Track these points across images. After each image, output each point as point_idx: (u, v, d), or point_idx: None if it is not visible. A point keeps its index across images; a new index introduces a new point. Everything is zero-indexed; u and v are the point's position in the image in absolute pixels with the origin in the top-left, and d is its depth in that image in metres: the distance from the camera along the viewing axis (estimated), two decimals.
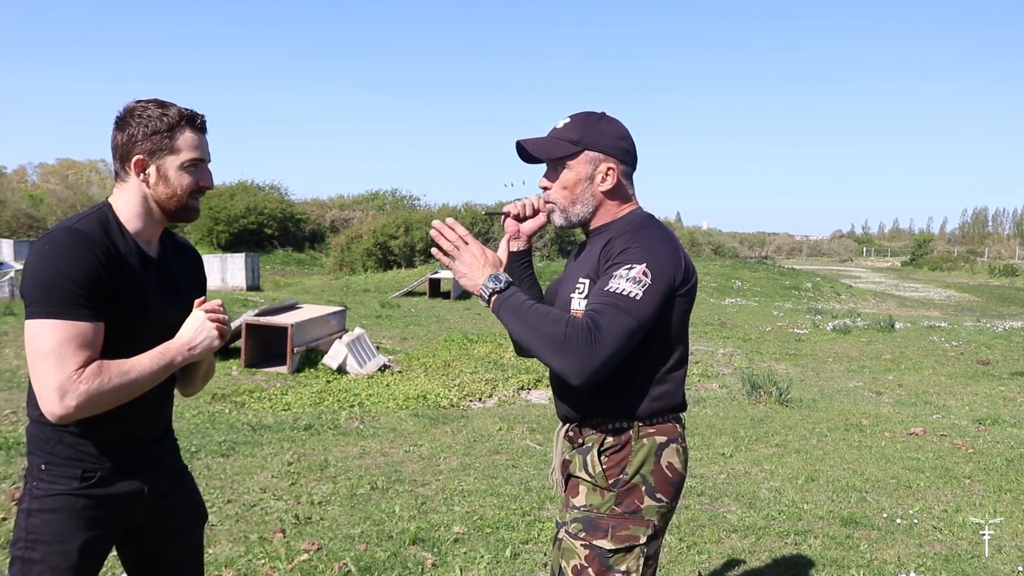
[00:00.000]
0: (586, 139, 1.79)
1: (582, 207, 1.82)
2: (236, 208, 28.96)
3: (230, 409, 6.74)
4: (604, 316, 1.60)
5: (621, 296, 1.62)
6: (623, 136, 1.82)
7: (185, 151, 1.68)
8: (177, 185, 1.69)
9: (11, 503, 4.00)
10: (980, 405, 7.55)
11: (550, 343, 1.59)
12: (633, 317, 1.61)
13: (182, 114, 1.68)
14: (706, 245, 32.91)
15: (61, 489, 1.64)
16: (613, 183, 1.80)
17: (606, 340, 1.57)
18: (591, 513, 1.75)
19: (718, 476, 4.84)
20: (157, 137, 1.66)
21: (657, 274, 1.66)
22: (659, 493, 1.75)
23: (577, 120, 1.82)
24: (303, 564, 3.37)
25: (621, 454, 1.74)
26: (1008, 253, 52.65)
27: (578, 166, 1.80)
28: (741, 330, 13.08)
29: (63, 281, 1.54)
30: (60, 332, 1.54)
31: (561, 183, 1.82)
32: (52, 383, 1.53)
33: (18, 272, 12.90)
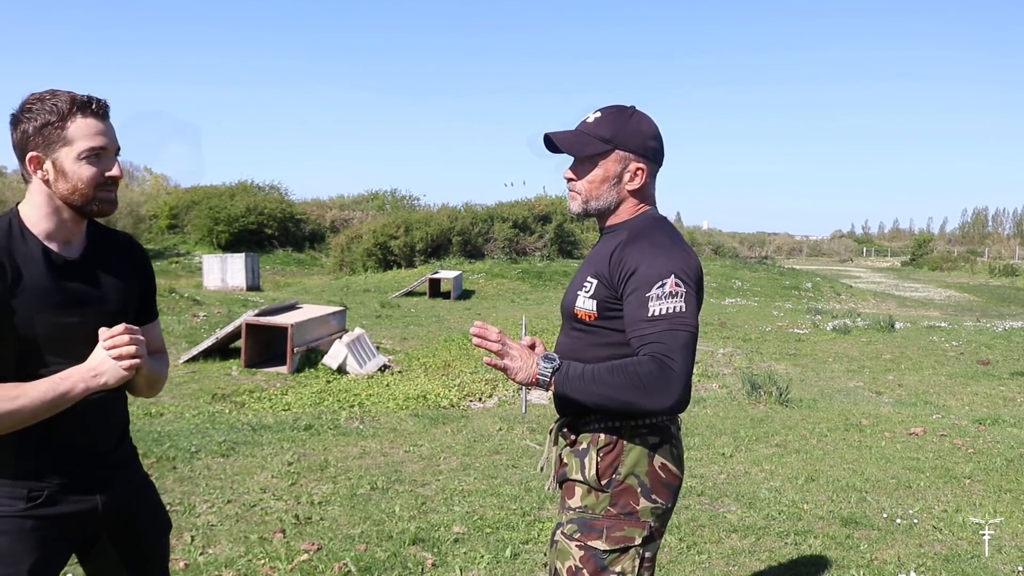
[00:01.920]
0: (618, 138, 1.77)
1: (604, 202, 1.81)
2: (236, 208, 28.97)
3: (230, 409, 6.75)
4: (665, 341, 1.60)
5: (673, 316, 1.62)
6: (655, 136, 1.81)
7: (80, 140, 1.53)
8: (77, 179, 1.54)
9: None
10: (980, 405, 7.56)
11: (632, 391, 1.59)
12: (687, 329, 1.62)
13: (73, 100, 1.53)
14: (706, 245, 32.90)
15: (7, 511, 1.55)
16: (641, 183, 1.80)
17: (682, 364, 1.59)
18: (586, 514, 1.75)
19: (718, 476, 4.84)
20: (48, 129, 1.52)
21: (686, 279, 1.66)
22: (655, 494, 1.74)
23: (609, 116, 1.79)
24: (303, 564, 3.37)
25: (614, 453, 1.74)
26: (1008, 253, 52.64)
27: (608, 164, 1.79)
28: (741, 330, 13.08)
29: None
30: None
31: (588, 178, 1.80)
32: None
33: None
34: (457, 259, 25.01)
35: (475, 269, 23.49)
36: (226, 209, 28.59)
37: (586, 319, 1.78)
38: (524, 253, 25.44)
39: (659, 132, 1.83)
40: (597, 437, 1.76)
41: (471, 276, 22.37)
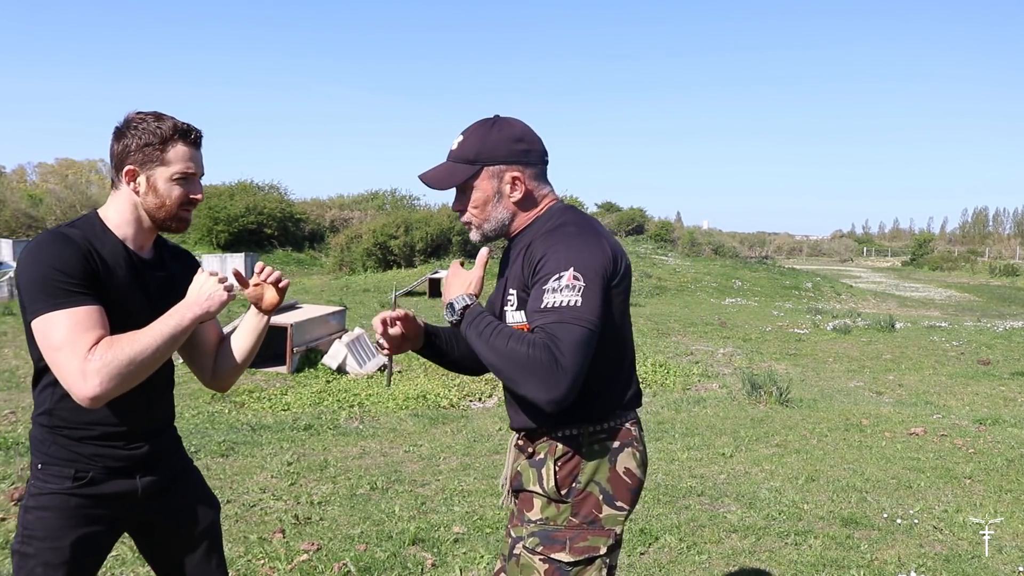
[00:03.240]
0: (483, 155, 1.70)
1: (497, 222, 1.74)
2: (236, 208, 28.96)
3: (229, 409, 6.74)
4: (557, 335, 1.52)
5: (565, 309, 1.53)
6: (519, 138, 1.72)
7: (175, 164, 1.71)
8: (166, 196, 1.72)
9: (11, 503, 3.99)
10: (980, 405, 7.55)
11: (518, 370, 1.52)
12: (583, 326, 1.53)
13: (176, 128, 1.71)
14: (706, 245, 32.88)
15: (55, 488, 1.69)
16: (523, 192, 1.72)
17: (568, 360, 1.50)
18: (548, 526, 1.68)
19: (718, 476, 4.84)
20: (149, 149, 1.69)
21: (588, 273, 1.57)
22: (618, 500, 1.69)
23: (470, 135, 1.73)
24: (303, 564, 3.37)
25: (573, 462, 1.68)
26: (1008, 253, 52.59)
27: (483, 184, 1.71)
28: (741, 330, 13.07)
29: (55, 276, 1.58)
30: (65, 321, 1.57)
31: (472, 204, 1.73)
32: (72, 371, 1.56)
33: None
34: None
35: None
36: (226, 209, 28.58)
37: None
38: None
39: (526, 132, 1.74)
40: (555, 447, 1.69)
41: None
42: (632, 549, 3.61)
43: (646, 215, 34.35)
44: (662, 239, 32.44)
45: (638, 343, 11.00)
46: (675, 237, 33.30)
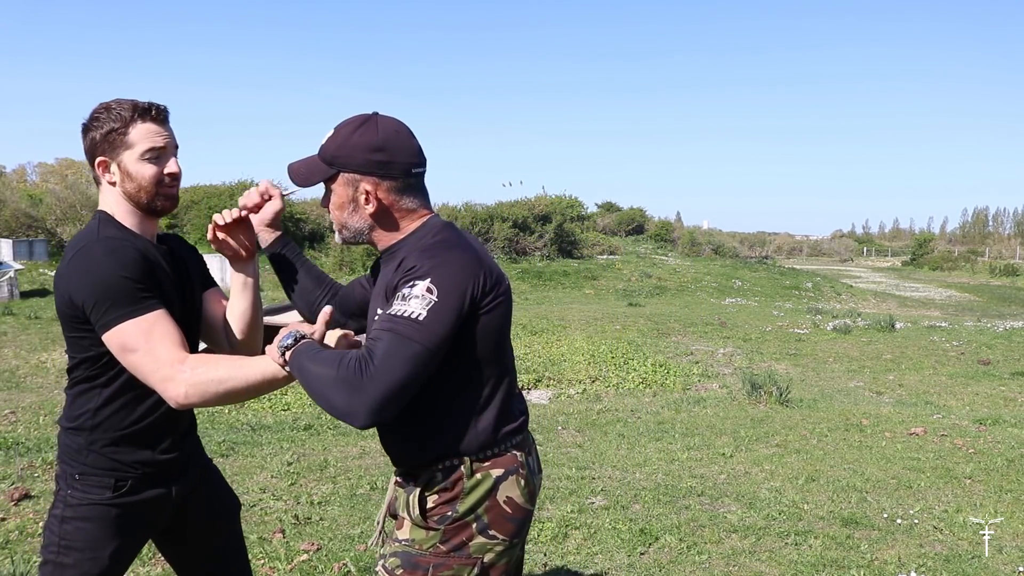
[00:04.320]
0: (339, 159, 1.58)
1: (354, 230, 1.63)
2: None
3: (229, 409, 6.74)
4: (380, 343, 1.41)
5: (401, 319, 1.43)
6: (378, 147, 1.56)
7: (140, 142, 1.67)
8: (140, 177, 1.69)
9: (10, 503, 3.99)
10: (981, 405, 7.55)
11: (326, 385, 1.40)
12: (416, 341, 1.41)
13: (136, 107, 1.67)
14: (706, 245, 32.84)
15: (96, 499, 1.69)
16: (375, 206, 1.59)
17: (381, 372, 1.38)
18: (412, 548, 1.58)
19: (718, 476, 4.84)
20: (112, 135, 1.67)
21: (445, 289, 1.45)
22: (492, 530, 1.58)
23: (337, 132, 1.61)
24: (303, 564, 3.37)
25: (452, 493, 1.57)
26: (1009, 253, 52.55)
27: (339, 188, 1.60)
28: (741, 330, 13.07)
29: (123, 282, 1.59)
30: (139, 328, 1.58)
31: (332, 205, 1.63)
32: (155, 376, 1.57)
33: (17, 272, 12.88)
34: None
35: None
36: (226, 209, 28.59)
37: None
38: (524, 253, 25.39)
39: (390, 139, 1.58)
40: (434, 477, 1.58)
41: None
42: (632, 549, 3.61)
43: (646, 215, 34.31)
44: (662, 239, 32.41)
45: (638, 343, 11.00)
46: (675, 237, 33.27)
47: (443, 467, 1.58)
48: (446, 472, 1.58)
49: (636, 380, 8.49)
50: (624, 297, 19.08)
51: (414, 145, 1.63)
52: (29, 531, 3.65)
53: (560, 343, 10.62)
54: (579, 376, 8.58)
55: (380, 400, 1.38)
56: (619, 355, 9.90)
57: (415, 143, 1.64)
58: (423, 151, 1.65)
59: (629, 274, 22.80)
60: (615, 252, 27.47)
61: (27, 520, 3.78)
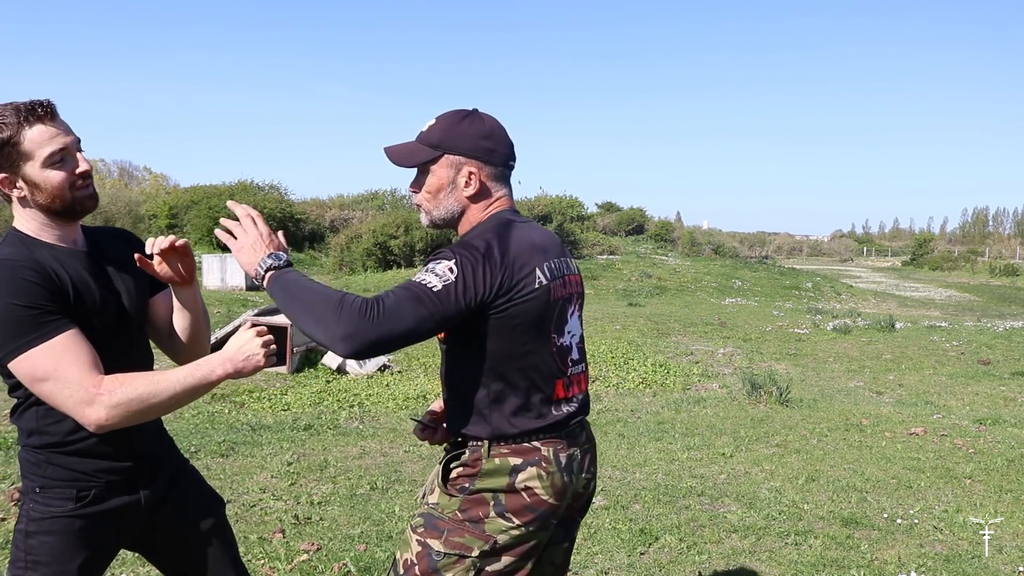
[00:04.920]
0: (446, 142, 1.69)
1: (446, 211, 1.74)
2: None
3: (229, 409, 6.73)
4: (392, 297, 1.51)
5: (417, 284, 1.53)
6: (486, 135, 1.71)
7: (39, 149, 1.54)
8: (50, 186, 1.57)
9: (10, 503, 3.99)
10: (981, 405, 7.54)
11: (323, 312, 1.48)
12: (425, 306, 1.50)
13: (18, 112, 1.53)
14: (706, 245, 32.84)
15: (57, 511, 1.62)
16: (476, 188, 1.71)
17: (386, 315, 1.47)
18: (435, 511, 1.70)
19: (718, 476, 4.84)
20: (6, 149, 1.53)
21: (466, 274, 1.55)
22: (510, 513, 1.65)
23: (442, 121, 1.73)
24: (303, 564, 3.37)
25: (472, 470, 1.68)
26: (1009, 253, 52.52)
27: (440, 171, 1.71)
28: (741, 330, 13.07)
29: (13, 311, 1.48)
30: (44, 357, 1.49)
31: (426, 188, 1.73)
32: (72, 401, 1.51)
33: None
34: None
35: None
36: (226, 209, 28.56)
37: (440, 337, 1.70)
38: None
39: (495, 130, 1.73)
40: (463, 451, 1.71)
41: None
42: (632, 549, 3.61)
43: (646, 215, 34.32)
44: (662, 239, 32.41)
45: (638, 343, 11.00)
46: (675, 237, 33.27)
47: (472, 445, 1.69)
48: (472, 451, 1.69)
49: (636, 380, 8.49)
50: (624, 297, 19.08)
51: (511, 140, 1.78)
52: None
53: None
54: None
55: (374, 340, 1.46)
56: (619, 355, 9.90)
57: (511, 139, 1.78)
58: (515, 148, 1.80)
59: (629, 274, 22.80)
60: (615, 252, 27.47)
61: None
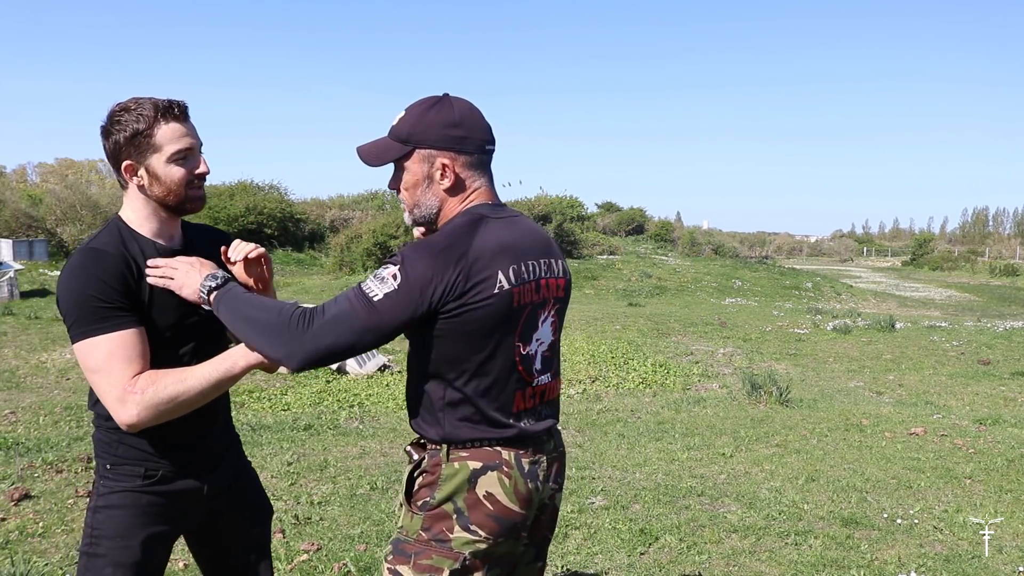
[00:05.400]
0: (415, 135, 1.60)
1: (427, 208, 1.66)
2: (236, 208, 28.95)
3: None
4: (332, 307, 1.49)
5: (359, 294, 1.49)
6: (456, 123, 1.60)
7: (168, 145, 1.64)
8: (170, 181, 1.66)
9: (10, 503, 3.99)
10: (981, 405, 7.55)
11: (263, 328, 1.50)
12: (361, 317, 1.47)
13: (157, 108, 1.64)
14: (706, 245, 32.85)
15: (126, 486, 1.69)
16: (452, 180, 1.62)
17: (323, 331, 1.46)
18: (401, 535, 1.63)
19: (718, 476, 4.84)
20: (138, 138, 1.63)
21: (410, 280, 1.49)
22: (474, 525, 1.57)
23: (410, 112, 1.64)
24: (303, 564, 3.37)
25: (432, 476, 1.60)
26: (1009, 253, 52.51)
27: (413, 166, 1.63)
28: (741, 330, 13.07)
29: (88, 299, 1.58)
30: (100, 348, 1.58)
31: (404, 186, 1.66)
32: (111, 397, 1.58)
33: (17, 272, 12.90)
34: None
35: None
36: (226, 209, 28.57)
37: None
38: None
39: (466, 116, 1.62)
40: (423, 457, 1.64)
41: None
42: (632, 549, 3.61)
43: (646, 215, 34.32)
44: (662, 239, 32.42)
45: (638, 343, 10.99)
46: (675, 237, 33.28)
47: (429, 449, 1.63)
48: (432, 455, 1.62)
49: (636, 380, 8.49)
50: (624, 297, 19.08)
51: (486, 123, 1.67)
52: (29, 531, 3.65)
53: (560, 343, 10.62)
54: (579, 376, 8.59)
55: (313, 354, 1.48)
56: (619, 355, 9.90)
57: (486, 122, 1.67)
58: (493, 131, 1.69)
59: (629, 274, 22.81)
60: (615, 252, 27.47)
61: (27, 520, 3.78)
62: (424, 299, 1.50)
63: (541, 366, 1.71)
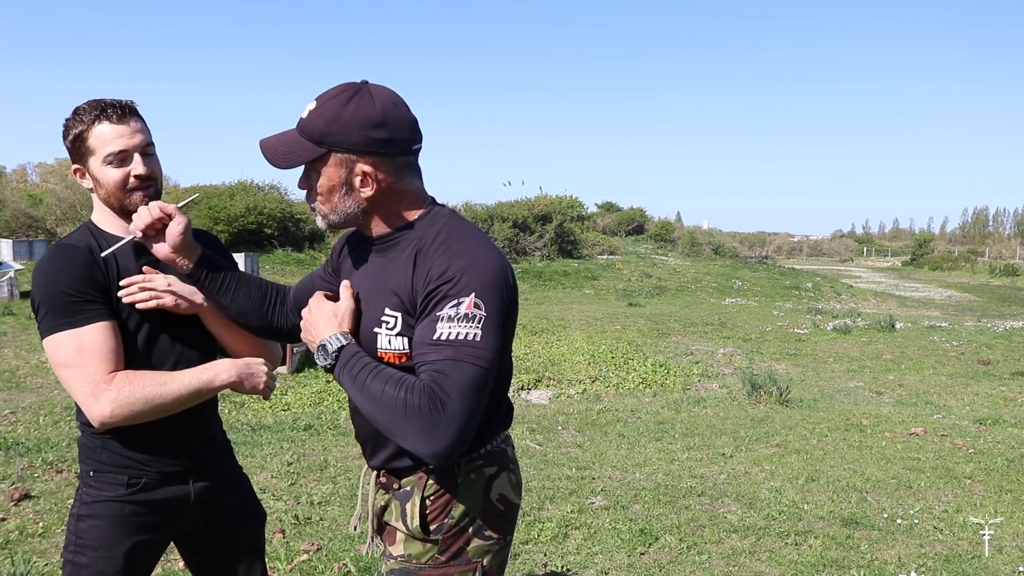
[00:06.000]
0: (331, 135, 1.38)
1: (343, 215, 1.45)
2: (236, 208, 28.92)
3: (229, 409, 6.74)
4: (446, 375, 1.30)
5: (460, 343, 1.32)
6: (377, 123, 1.38)
7: (100, 148, 1.61)
8: (107, 183, 1.63)
9: (10, 503, 3.99)
10: (981, 405, 7.55)
11: (396, 420, 1.32)
12: (480, 365, 1.32)
13: (90, 109, 1.61)
14: (706, 245, 32.83)
15: (108, 496, 1.67)
16: (374, 189, 1.42)
17: (459, 405, 1.30)
18: (409, 564, 1.50)
19: (718, 476, 4.84)
20: (77, 142, 1.62)
21: (489, 299, 1.34)
22: (488, 531, 1.51)
23: (322, 105, 1.40)
24: (303, 564, 3.37)
25: (446, 497, 1.48)
26: (1009, 253, 52.51)
27: (329, 170, 1.41)
28: (741, 330, 13.07)
29: (59, 294, 1.56)
30: (72, 341, 1.56)
31: (317, 190, 1.44)
32: (83, 392, 1.56)
33: (17, 272, 12.90)
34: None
35: None
36: (225, 209, 28.54)
37: (396, 362, 1.42)
38: (524, 253, 25.39)
39: (390, 113, 1.40)
40: (424, 481, 1.49)
41: None
42: (632, 549, 3.61)
43: (646, 215, 34.30)
44: (662, 239, 32.40)
45: (638, 343, 10.99)
46: (675, 237, 33.26)
47: (437, 470, 1.48)
48: (440, 474, 1.48)
49: (636, 380, 8.49)
50: (624, 297, 19.08)
51: (412, 118, 1.45)
52: (29, 531, 3.65)
53: (560, 343, 10.62)
54: (579, 376, 8.58)
55: (460, 435, 1.30)
56: (619, 355, 9.90)
57: (412, 116, 1.45)
58: (419, 124, 1.47)
59: (629, 274, 22.80)
60: (615, 252, 27.46)
61: (27, 520, 3.78)
62: (504, 304, 1.39)
63: None
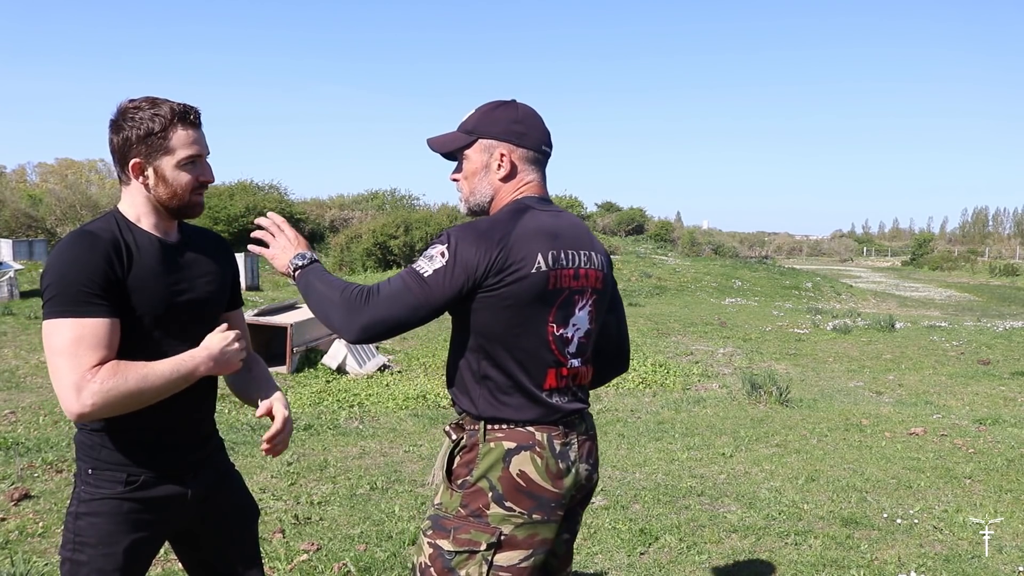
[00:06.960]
0: (480, 128, 1.78)
1: (480, 196, 1.81)
2: (235, 208, 28.93)
3: (229, 409, 6.74)
4: (386, 284, 1.64)
5: (411, 271, 1.65)
6: (518, 120, 1.78)
7: (180, 149, 1.66)
8: (176, 185, 1.67)
9: (10, 503, 3.99)
10: (981, 405, 7.54)
11: (329, 304, 1.66)
12: (415, 293, 1.62)
13: (174, 111, 1.65)
14: (706, 245, 32.87)
15: (107, 493, 1.68)
16: (508, 169, 1.78)
17: (378, 306, 1.61)
18: (440, 511, 1.74)
19: (718, 476, 4.84)
20: (152, 139, 1.63)
21: (457, 257, 1.63)
22: (508, 501, 1.68)
23: (478, 110, 1.82)
24: (303, 564, 3.37)
25: (471, 454, 1.72)
26: (1009, 253, 52.52)
27: (474, 155, 1.79)
28: (741, 330, 13.07)
29: (73, 281, 1.56)
30: (72, 330, 1.56)
31: (463, 175, 1.82)
32: (67, 381, 1.55)
33: (17, 272, 12.89)
34: None
35: None
36: (225, 209, 28.56)
37: None
38: None
39: (529, 117, 1.80)
40: (462, 436, 1.76)
41: None
42: (632, 549, 3.61)
43: (646, 215, 34.34)
44: (662, 239, 32.44)
45: (638, 343, 10.99)
46: (675, 237, 33.29)
47: (471, 428, 1.73)
48: (470, 435, 1.73)
49: (636, 380, 8.49)
50: (624, 297, 18.97)
51: (545, 128, 1.84)
52: (29, 531, 3.65)
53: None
54: None
55: (369, 326, 1.62)
56: None
57: (546, 127, 1.84)
58: (551, 137, 1.85)
59: (629, 274, 22.80)
60: (615, 252, 27.47)
61: (27, 520, 3.78)
62: (470, 274, 1.63)
63: (575, 350, 1.79)
